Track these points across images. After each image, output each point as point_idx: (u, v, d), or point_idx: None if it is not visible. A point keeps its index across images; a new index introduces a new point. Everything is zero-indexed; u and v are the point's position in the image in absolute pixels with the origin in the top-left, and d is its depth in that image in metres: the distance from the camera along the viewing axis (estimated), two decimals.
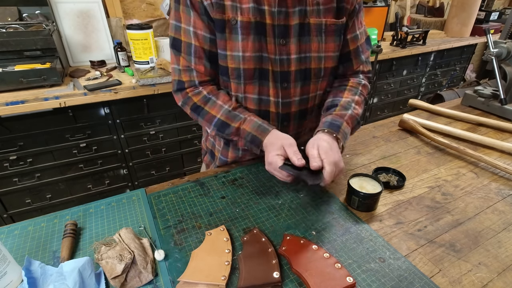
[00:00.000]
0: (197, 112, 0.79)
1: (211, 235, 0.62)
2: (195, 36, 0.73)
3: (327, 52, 0.78)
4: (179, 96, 0.81)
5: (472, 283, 0.55)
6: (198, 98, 0.78)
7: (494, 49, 1.11)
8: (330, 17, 0.75)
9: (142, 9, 2.05)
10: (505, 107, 1.15)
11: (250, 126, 0.74)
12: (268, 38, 0.73)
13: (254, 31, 0.71)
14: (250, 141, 0.74)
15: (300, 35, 0.74)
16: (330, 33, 0.76)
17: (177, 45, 0.75)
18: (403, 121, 1.09)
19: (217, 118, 0.76)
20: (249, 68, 0.74)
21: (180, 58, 0.76)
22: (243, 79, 0.76)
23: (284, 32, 0.73)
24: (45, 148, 1.47)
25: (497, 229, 0.67)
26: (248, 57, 0.73)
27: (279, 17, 0.71)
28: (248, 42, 0.71)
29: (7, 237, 0.64)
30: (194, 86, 0.78)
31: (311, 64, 0.78)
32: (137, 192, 0.76)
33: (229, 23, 0.70)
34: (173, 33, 0.75)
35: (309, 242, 0.60)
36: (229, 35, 0.71)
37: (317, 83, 0.82)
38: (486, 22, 2.91)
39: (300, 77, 0.78)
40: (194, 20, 0.72)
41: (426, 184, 0.81)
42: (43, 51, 1.51)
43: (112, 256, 0.54)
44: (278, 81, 0.77)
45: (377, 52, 1.96)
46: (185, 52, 0.75)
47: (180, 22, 0.73)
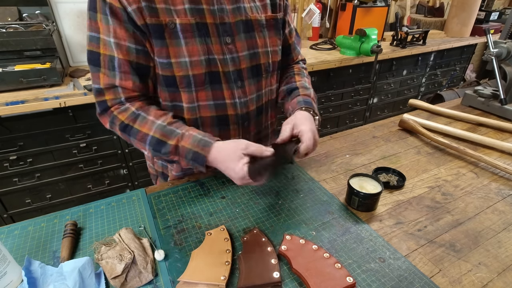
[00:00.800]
0: (127, 131, 0.68)
1: (211, 235, 0.62)
2: (118, 47, 0.63)
3: (272, 46, 0.80)
4: (105, 118, 0.70)
5: (472, 283, 0.55)
6: (125, 116, 0.67)
7: (494, 49, 1.11)
8: (268, 12, 0.78)
9: None
10: (505, 107, 1.15)
11: (189, 142, 0.65)
12: (213, 38, 0.69)
13: (197, 33, 0.66)
14: (192, 159, 0.65)
15: (244, 31, 0.73)
16: (271, 28, 0.79)
17: (95, 59, 0.65)
18: (403, 121, 1.09)
19: (150, 136, 0.66)
20: (198, 74, 0.69)
21: (99, 75, 0.66)
22: (194, 86, 0.70)
23: (228, 30, 0.70)
24: (45, 148, 1.47)
25: (497, 229, 0.67)
26: (195, 61, 0.67)
27: (220, 14, 0.68)
28: (193, 46, 0.66)
29: (7, 237, 0.64)
30: (120, 103, 0.68)
31: (261, 59, 0.78)
32: (137, 192, 0.76)
33: (167, 27, 0.64)
34: (89, 46, 0.65)
35: (309, 242, 0.60)
36: (170, 41, 0.65)
37: (267, 78, 0.83)
38: (486, 22, 2.91)
39: (252, 73, 0.77)
40: (114, 29, 0.62)
41: (426, 184, 0.81)
42: (43, 51, 1.51)
43: (112, 256, 0.54)
44: (232, 81, 0.74)
45: (377, 52, 1.96)
46: (106, 67, 0.65)
47: (98, 32, 0.63)
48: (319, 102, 2.17)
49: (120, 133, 0.70)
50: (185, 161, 0.67)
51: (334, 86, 2.20)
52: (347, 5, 2.31)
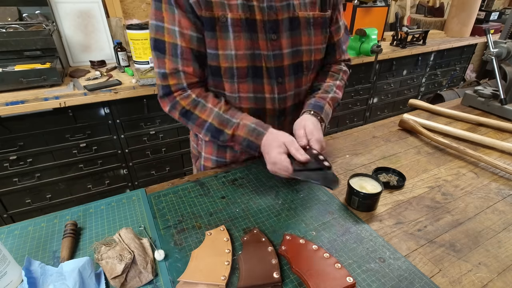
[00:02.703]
0: (187, 117, 0.75)
1: (211, 235, 0.62)
2: (181, 36, 0.68)
3: (316, 44, 0.80)
4: (165, 102, 0.76)
5: (472, 283, 0.55)
6: (187, 102, 0.74)
7: (494, 49, 1.11)
8: (316, 10, 0.77)
9: (142, 9, 2.05)
10: (505, 107, 1.15)
11: (244, 131, 0.72)
12: (260, 34, 0.71)
13: (245, 28, 0.69)
14: (246, 146, 0.73)
15: (290, 29, 0.74)
16: (317, 26, 0.78)
17: (161, 46, 0.70)
18: (403, 121, 1.09)
19: (208, 122, 0.74)
20: (242, 67, 0.73)
21: (165, 60, 0.71)
22: (236, 78, 0.74)
23: (274, 27, 0.72)
24: (45, 148, 1.47)
25: (497, 229, 0.67)
26: (241, 55, 0.71)
27: (269, 12, 0.70)
28: (240, 40, 0.70)
29: (7, 237, 0.64)
30: (182, 89, 0.74)
31: (303, 57, 0.78)
32: (137, 192, 0.76)
33: (219, 21, 0.68)
34: (154, 34, 0.70)
35: (309, 242, 0.60)
36: (220, 34, 0.69)
37: (307, 76, 0.84)
38: (486, 22, 2.91)
39: (294, 71, 0.79)
40: (179, 19, 0.67)
41: (426, 184, 0.81)
42: (43, 51, 1.51)
43: (112, 256, 0.54)
44: (273, 77, 0.77)
45: (377, 52, 1.96)
46: (170, 54, 0.70)
47: (163, 21, 0.68)
48: None
49: (178, 117, 0.76)
50: (240, 147, 0.75)
51: None
52: (347, 5, 2.31)
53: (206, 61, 0.74)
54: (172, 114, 0.77)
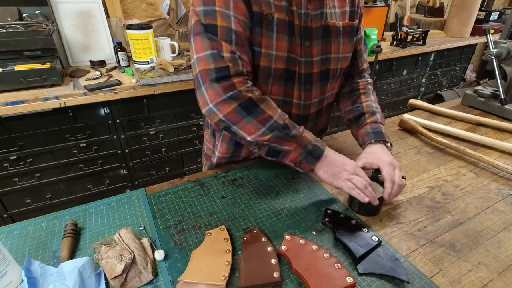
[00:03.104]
0: (249, 110, 0.66)
1: (211, 235, 0.62)
2: (236, 21, 0.64)
3: (344, 53, 0.81)
4: (218, 88, 0.65)
5: (472, 283, 0.55)
6: (255, 94, 0.67)
7: (494, 49, 1.11)
8: (345, 19, 0.78)
9: (142, 9, 2.05)
10: (505, 107, 1.15)
11: (310, 136, 0.70)
12: (296, 39, 0.72)
13: (288, 30, 0.70)
14: (309, 151, 0.68)
15: (322, 37, 0.75)
16: (346, 35, 0.79)
17: (212, 30, 0.64)
18: (403, 121, 1.09)
19: (273, 119, 0.67)
20: (279, 68, 0.72)
21: (220, 43, 0.64)
22: (272, 79, 0.73)
23: (309, 34, 0.73)
24: (45, 148, 1.47)
25: (497, 229, 0.67)
26: (280, 56, 0.71)
27: (305, 19, 0.71)
28: (282, 41, 0.70)
29: (7, 237, 0.64)
30: (243, 76, 0.67)
31: (331, 65, 0.79)
32: (137, 192, 0.76)
33: (266, 18, 0.67)
34: (203, 19, 0.64)
35: (309, 242, 0.60)
36: (265, 31, 0.68)
37: (332, 83, 0.84)
38: (486, 22, 2.91)
39: (321, 78, 0.80)
40: (234, 4, 0.63)
41: (426, 184, 0.81)
42: (43, 51, 1.51)
43: (112, 256, 0.54)
44: (302, 83, 0.77)
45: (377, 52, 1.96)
46: (223, 38, 0.64)
47: (214, 5, 0.63)
48: None
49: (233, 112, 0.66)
50: (300, 152, 0.69)
51: None
52: None
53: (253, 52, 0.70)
54: (223, 107, 0.66)
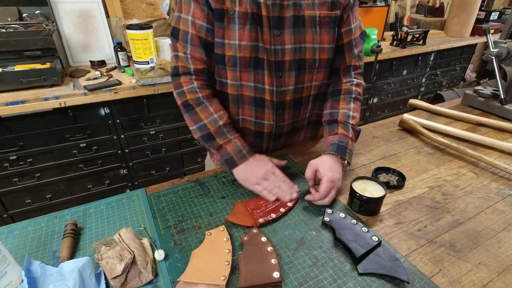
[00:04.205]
0: (187, 109, 0.81)
1: (211, 235, 0.62)
2: (193, 25, 0.76)
3: (321, 43, 0.80)
4: (174, 83, 0.83)
5: (472, 283, 0.55)
6: (192, 97, 0.80)
7: (494, 49, 1.11)
8: (325, 9, 0.78)
9: (142, 9, 2.04)
10: (505, 107, 1.15)
11: (232, 149, 0.78)
12: (264, 29, 0.75)
13: (251, 21, 0.74)
14: (226, 160, 0.78)
15: (294, 26, 0.77)
16: (324, 25, 0.79)
17: (176, 33, 0.79)
18: (403, 121, 1.09)
19: (203, 123, 0.79)
20: (245, 56, 0.77)
21: (177, 45, 0.80)
22: (239, 66, 0.78)
23: (278, 23, 0.75)
24: (45, 148, 1.47)
25: (497, 229, 0.67)
26: (244, 45, 0.75)
27: (273, 9, 0.74)
28: (244, 31, 0.75)
29: (7, 237, 0.64)
30: (189, 76, 0.81)
31: (306, 54, 0.80)
32: (137, 192, 0.76)
33: (227, 13, 0.74)
34: (174, 23, 0.79)
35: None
36: (227, 25, 0.75)
37: (312, 74, 0.84)
38: (486, 22, 2.91)
39: (295, 67, 0.81)
40: (193, 10, 0.75)
41: (426, 184, 0.81)
42: (43, 51, 1.51)
43: (112, 256, 0.54)
44: (273, 70, 0.79)
45: (377, 52, 1.96)
46: (182, 40, 0.78)
47: (181, 12, 0.77)
48: None
49: (180, 104, 0.83)
50: (219, 158, 0.80)
51: None
52: None
53: (212, 49, 0.79)
54: (176, 99, 0.83)
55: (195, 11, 0.75)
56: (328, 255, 0.60)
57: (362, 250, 0.58)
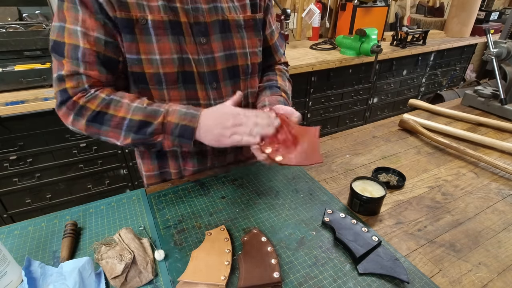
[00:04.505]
0: (99, 121, 0.62)
1: (211, 235, 0.62)
2: (85, 37, 0.60)
3: (251, 47, 0.77)
4: (64, 110, 0.63)
5: (472, 283, 0.55)
6: (95, 103, 0.62)
7: (494, 49, 1.11)
8: (247, 12, 0.75)
9: None
10: (505, 107, 1.15)
11: (175, 117, 0.62)
12: (187, 38, 0.67)
13: (170, 31, 0.64)
14: (178, 135, 0.62)
15: (221, 32, 0.71)
16: (250, 29, 0.76)
17: (59, 49, 0.61)
18: (403, 121, 1.09)
19: (128, 119, 0.62)
20: (171, 72, 0.67)
21: (63, 62, 0.61)
22: (165, 84, 0.68)
23: (203, 30, 0.68)
24: (45, 148, 1.47)
25: (497, 229, 0.67)
26: (167, 59, 0.65)
27: (195, 14, 0.66)
28: (164, 43, 0.64)
29: (7, 237, 0.64)
30: (83, 91, 0.62)
31: (238, 61, 0.75)
32: (137, 192, 0.77)
33: (138, 23, 0.62)
34: (54, 36, 0.61)
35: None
36: (140, 37, 0.63)
37: (246, 80, 0.80)
38: (486, 22, 2.91)
39: (229, 75, 0.75)
40: (83, 18, 0.60)
41: (426, 184, 0.81)
42: (43, 51, 1.51)
43: (112, 256, 0.54)
44: (207, 82, 0.72)
45: (377, 52, 1.96)
46: (69, 56, 0.60)
47: (64, 22, 0.60)
48: (319, 102, 2.17)
49: (87, 126, 0.63)
50: (171, 139, 0.63)
51: (334, 86, 2.20)
52: (347, 5, 2.31)
53: (115, 68, 0.65)
54: (78, 125, 0.64)
55: (86, 20, 0.60)
56: (328, 255, 0.60)
57: (362, 250, 0.58)
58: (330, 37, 2.60)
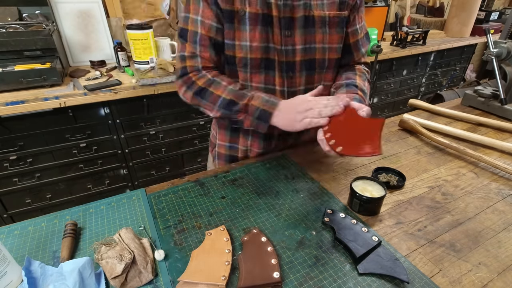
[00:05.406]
0: (201, 95, 0.79)
1: (211, 235, 0.62)
2: (202, 24, 0.75)
3: (331, 43, 0.82)
4: (181, 82, 0.81)
5: (472, 283, 0.55)
6: (202, 81, 0.78)
7: (494, 49, 1.11)
8: (333, 10, 0.79)
9: (142, 9, 2.04)
10: (505, 107, 1.15)
11: (258, 101, 0.75)
12: (275, 29, 0.75)
13: (261, 22, 0.74)
14: (258, 117, 0.75)
15: (304, 26, 0.77)
16: (333, 25, 0.80)
17: (184, 34, 0.78)
18: (403, 121, 1.09)
19: (222, 97, 0.77)
20: (256, 58, 0.77)
21: (186, 45, 0.78)
22: (249, 68, 0.78)
23: (289, 24, 0.76)
24: (45, 148, 1.47)
25: (497, 229, 0.67)
26: (255, 47, 0.75)
27: (284, 9, 0.74)
28: (255, 32, 0.74)
29: (7, 237, 0.64)
30: (198, 71, 0.79)
31: (316, 54, 0.81)
32: (137, 192, 0.76)
33: (237, 14, 0.73)
34: (181, 24, 0.78)
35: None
36: (238, 26, 0.74)
37: (321, 73, 0.85)
38: (486, 22, 2.91)
39: (305, 67, 0.82)
40: (203, 10, 0.74)
41: (426, 184, 0.81)
42: (43, 51, 1.51)
43: (112, 256, 0.54)
44: (284, 71, 0.80)
45: (377, 52, 1.96)
46: (191, 41, 0.77)
47: (189, 13, 0.76)
48: None
49: (192, 97, 0.80)
50: (251, 120, 0.76)
51: None
52: None
53: (222, 49, 0.79)
54: (186, 96, 0.81)
55: (205, 10, 0.74)
56: (328, 255, 0.60)
57: (362, 250, 0.58)
58: None
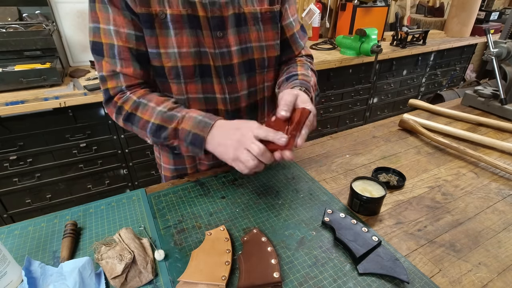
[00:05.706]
0: (130, 121, 0.68)
1: (211, 235, 0.62)
2: (117, 35, 0.64)
3: (267, 40, 0.76)
4: (110, 108, 0.70)
5: (472, 283, 0.55)
6: (128, 105, 0.67)
7: (494, 49, 1.11)
8: (264, 5, 0.74)
9: None
10: (505, 107, 1.15)
11: (189, 124, 0.63)
12: (205, 31, 0.68)
13: (188, 24, 0.66)
14: (190, 142, 0.63)
15: (237, 25, 0.71)
16: (267, 21, 0.75)
17: (98, 48, 0.65)
18: (403, 121, 1.09)
19: (150, 122, 0.65)
20: (188, 66, 0.69)
21: (103, 63, 0.66)
22: (183, 78, 0.70)
23: (220, 24, 0.69)
24: (45, 148, 1.47)
25: (497, 229, 0.67)
26: (185, 53, 0.67)
27: (212, 8, 0.67)
28: (182, 37, 0.66)
29: (7, 237, 0.64)
30: (121, 92, 0.68)
31: (254, 54, 0.75)
32: (137, 192, 0.76)
33: (157, 17, 0.64)
34: (91, 37, 0.65)
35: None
36: (160, 31, 0.65)
37: (262, 74, 0.80)
38: (486, 22, 2.91)
39: (245, 69, 0.75)
40: (113, 17, 0.63)
41: (426, 184, 0.81)
42: (43, 51, 1.51)
43: (112, 256, 0.54)
44: (222, 76, 0.73)
45: (377, 52, 1.96)
46: (108, 55, 0.65)
47: (98, 22, 0.64)
48: (319, 102, 2.17)
49: (124, 124, 0.70)
50: (185, 146, 0.65)
51: (334, 86, 2.20)
52: (347, 5, 2.31)
53: (148, 60, 0.69)
54: (119, 122, 0.71)
55: (116, 17, 0.63)
56: (328, 255, 0.60)
57: (362, 250, 0.58)
58: (330, 37, 2.60)
